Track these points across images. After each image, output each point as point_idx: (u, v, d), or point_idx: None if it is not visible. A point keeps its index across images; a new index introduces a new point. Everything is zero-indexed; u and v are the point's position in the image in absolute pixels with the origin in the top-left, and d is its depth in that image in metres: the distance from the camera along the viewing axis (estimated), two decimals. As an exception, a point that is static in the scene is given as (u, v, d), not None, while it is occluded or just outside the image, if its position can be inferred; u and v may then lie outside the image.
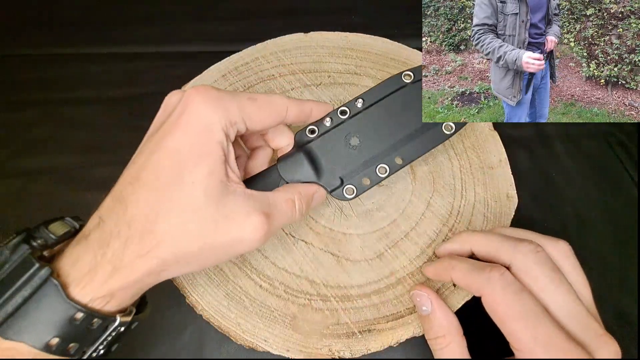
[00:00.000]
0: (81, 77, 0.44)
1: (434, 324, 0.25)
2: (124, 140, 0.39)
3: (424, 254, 0.30)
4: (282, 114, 0.25)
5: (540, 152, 0.40)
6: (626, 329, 0.32)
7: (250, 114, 0.23)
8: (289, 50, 0.40)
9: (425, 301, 0.25)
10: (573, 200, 0.38)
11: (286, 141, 0.27)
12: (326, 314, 0.28)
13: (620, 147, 0.41)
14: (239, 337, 0.27)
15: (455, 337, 0.24)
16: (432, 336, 0.25)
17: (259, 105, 0.23)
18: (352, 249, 0.30)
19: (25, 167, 0.38)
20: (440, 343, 0.24)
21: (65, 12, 0.50)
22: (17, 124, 0.40)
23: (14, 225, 0.35)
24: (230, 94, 0.22)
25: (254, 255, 0.29)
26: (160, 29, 0.48)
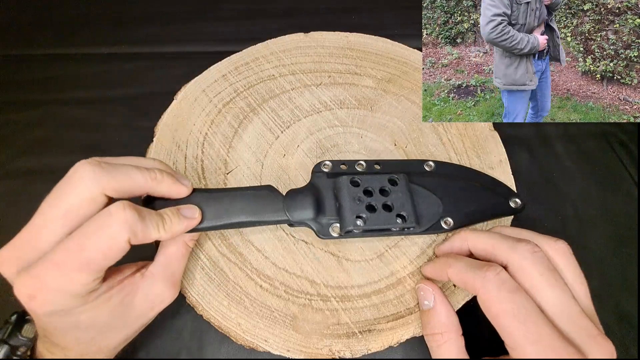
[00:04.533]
0: (81, 77, 0.44)
1: (433, 319, 0.25)
2: (124, 140, 0.40)
3: (424, 254, 0.30)
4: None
5: (540, 152, 0.40)
6: (626, 329, 0.32)
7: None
8: (289, 50, 0.40)
9: (429, 295, 0.25)
10: (573, 200, 0.38)
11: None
12: (326, 314, 0.28)
13: (621, 146, 0.41)
14: (239, 337, 0.27)
15: (453, 336, 0.24)
16: (429, 332, 0.25)
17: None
18: (352, 249, 0.30)
19: (25, 167, 0.38)
20: (437, 340, 0.24)
21: (65, 12, 0.50)
22: (17, 124, 0.40)
23: (14, 225, 0.35)
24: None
25: (255, 256, 0.29)
26: (160, 29, 0.48)
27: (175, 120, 0.35)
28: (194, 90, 0.37)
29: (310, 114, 0.36)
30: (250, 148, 0.34)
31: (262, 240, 0.30)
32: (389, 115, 0.37)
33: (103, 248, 0.20)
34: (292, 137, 0.35)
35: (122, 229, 0.20)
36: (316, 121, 0.36)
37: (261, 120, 0.36)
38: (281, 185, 0.32)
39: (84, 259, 0.20)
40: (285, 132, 0.35)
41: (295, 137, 0.35)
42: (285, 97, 0.37)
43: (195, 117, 0.35)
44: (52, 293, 0.20)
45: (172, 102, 0.36)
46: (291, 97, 0.37)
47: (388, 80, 0.39)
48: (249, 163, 0.33)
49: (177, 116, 0.35)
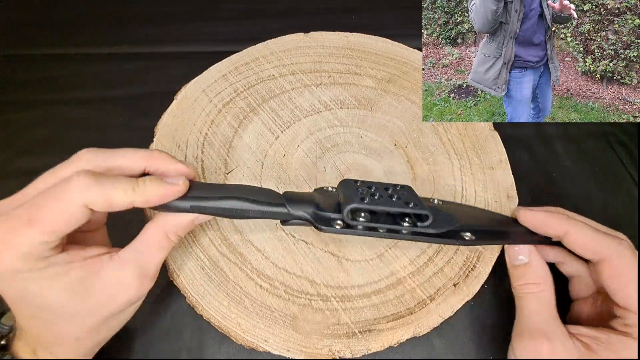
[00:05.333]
0: (81, 77, 0.44)
1: (528, 271, 0.25)
2: (124, 140, 0.39)
3: (424, 254, 0.30)
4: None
5: (540, 152, 0.40)
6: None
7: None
8: (289, 50, 0.40)
9: (524, 250, 0.26)
10: (573, 200, 0.37)
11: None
12: (326, 314, 0.28)
13: (621, 146, 0.41)
14: (239, 337, 0.27)
15: (550, 287, 0.25)
16: (524, 282, 0.25)
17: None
18: (352, 249, 0.30)
19: (25, 167, 0.38)
20: (532, 288, 0.25)
21: (65, 12, 0.50)
22: (17, 124, 0.40)
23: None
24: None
25: (255, 255, 0.29)
26: (160, 29, 0.48)
27: (175, 120, 0.35)
28: (194, 90, 0.37)
29: (310, 114, 0.36)
30: (250, 148, 0.34)
31: (262, 240, 0.30)
32: (389, 115, 0.37)
33: (56, 209, 0.20)
34: (292, 137, 0.35)
35: (77, 193, 0.20)
36: (316, 121, 0.36)
37: (261, 120, 0.36)
38: (281, 185, 0.32)
39: (34, 216, 0.19)
40: (285, 132, 0.35)
41: (295, 137, 0.35)
42: (285, 97, 0.37)
43: (195, 117, 0.35)
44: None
45: (172, 102, 0.36)
46: (291, 97, 0.37)
47: (388, 80, 0.39)
48: (249, 163, 0.33)
49: (177, 116, 0.35)
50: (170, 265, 0.29)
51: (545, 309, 0.24)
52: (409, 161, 0.34)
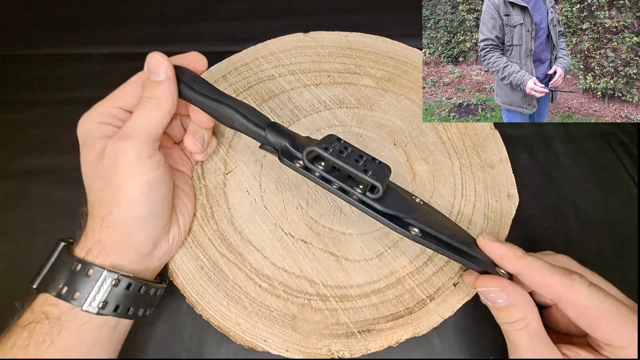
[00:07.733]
0: (81, 77, 0.44)
1: (513, 310, 0.24)
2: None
3: (423, 254, 0.30)
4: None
5: (540, 152, 0.40)
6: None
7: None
8: (288, 50, 0.40)
9: (501, 294, 0.24)
10: (573, 200, 0.37)
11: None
12: (325, 314, 0.28)
13: (621, 147, 0.41)
14: (239, 337, 0.27)
15: (536, 313, 0.23)
16: (511, 321, 0.24)
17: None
18: (351, 248, 0.30)
19: (25, 167, 0.38)
20: (519, 325, 0.23)
21: (65, 12, 0.50)
22: (17, 124, 0.40)
23: (14, 225, 0.35)
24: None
25: (254, 255, 0.29)
26: (160, 29, 0.49)
27: (175, 120, 0.35)
28: (193, 90, 0.37)
29: (310, 114, 0.36)
30: (250, 148, 0.34)
31: (261, 240, 0.30)
32: (388, 114, 0.37)
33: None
34: (291, 136, 0.35)
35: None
36: (315, 121, 0.36)
37: (261, 120, 0.36)
38: (281, 185, 0.32)
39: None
40: (284, 132, 0.35)
41: (295, 137, 0.35)
42: (284, 97, 0.37)
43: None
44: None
45: (172, 102, 0.36)
46: (290, 97, 0.37)
47: (388, 79, 0.39)
48: (248, 163, 0.33)
49: (176, 116, 0.35)
50: (170, 265, 0.29)
51: (536, 339, 0.23)
52: (408, 160, 0.34)
